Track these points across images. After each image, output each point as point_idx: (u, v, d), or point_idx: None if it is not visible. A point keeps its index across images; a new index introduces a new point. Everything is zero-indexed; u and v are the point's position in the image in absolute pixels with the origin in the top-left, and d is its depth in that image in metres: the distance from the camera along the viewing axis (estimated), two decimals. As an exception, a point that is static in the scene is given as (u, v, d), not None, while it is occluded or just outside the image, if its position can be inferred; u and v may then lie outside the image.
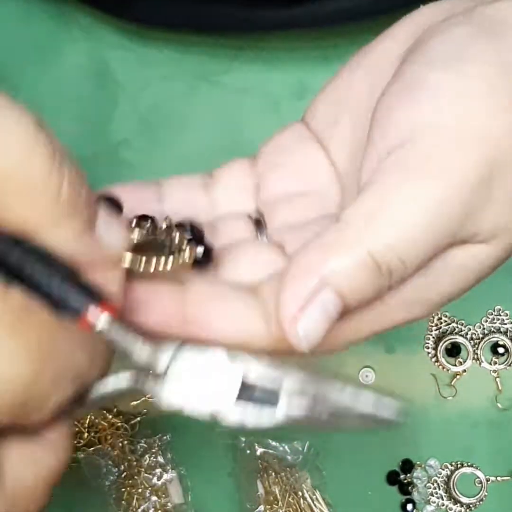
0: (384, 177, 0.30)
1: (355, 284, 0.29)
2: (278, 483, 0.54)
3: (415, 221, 0.29)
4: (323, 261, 0.29)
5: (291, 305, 0.29)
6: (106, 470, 0.55)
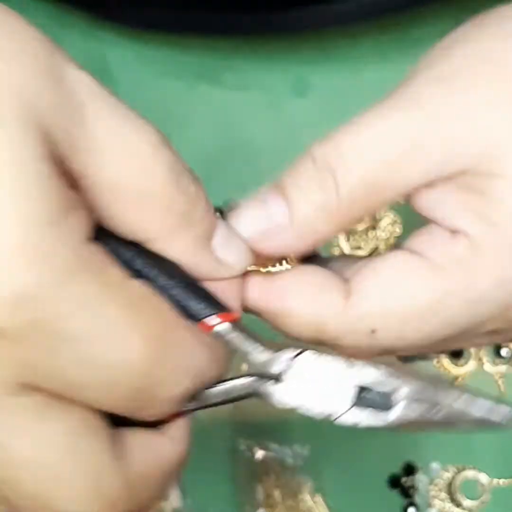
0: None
1: (297, 186, 0.31)
2: (278, 486, 0.54)
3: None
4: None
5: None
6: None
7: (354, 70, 0.55)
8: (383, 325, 0.29)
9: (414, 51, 0.55)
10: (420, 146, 0.29)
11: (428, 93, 0.30)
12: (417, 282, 0.29)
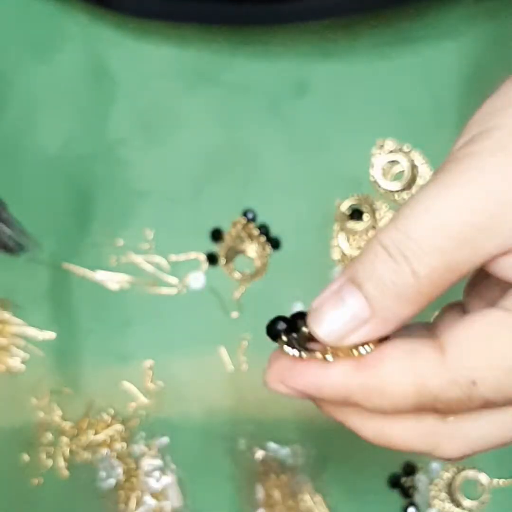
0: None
1: (372, 275, 0.30)
2: (278, 486, 0.54)
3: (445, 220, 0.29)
4: (350, 263, 0.31)
5: (315, 301, 0.31)
6: (104, 473, 0.54)
7: (353, 68, 0.55)
8: (483, 376, 0.30)
9: (413, 49, 0.55)
10: (497, 216, 0.29)
11: (493, 163, 0.29)
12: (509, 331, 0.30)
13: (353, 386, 0.30)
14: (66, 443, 0.55)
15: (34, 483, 0.54)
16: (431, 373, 0.30)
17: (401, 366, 0.30)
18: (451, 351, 0.30)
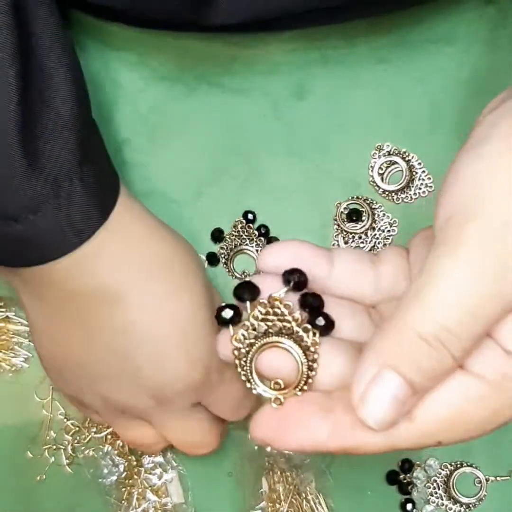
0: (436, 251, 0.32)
1: (412, 362, 0.32)
2: (282, 482, 0.54)
3: (462, 300, 0.31)
4: (381, 347, 0.32)
5: (356, 391, 0.32)
6: (106, 470, 0.55)
7: (352, 72, 0.56)
8: (446, 437, 0.33)
9: (410, 54, 0.56)
10: (498, 294, 0.32)
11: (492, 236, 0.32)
12: (474, 401, 0.33)
13: (332, 449, 0.33)
14: (68, 441, 0.55)
15: (37, 480, 0.55)
16: (401, 438, 0.33)
17: (374, 432, 0.33)
18: (419, 421, 0.33)
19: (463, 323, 0.31)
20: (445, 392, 0.33)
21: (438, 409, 0.33)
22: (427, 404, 0.33)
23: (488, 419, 0.33)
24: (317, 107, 0.56)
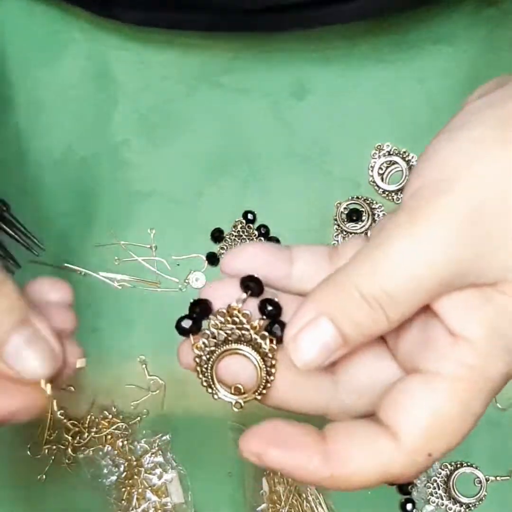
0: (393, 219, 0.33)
1: (349, 317, 0.32)
2: (283, 483, 0.54)
3: (410, 268, 0.32)
4: (321, 296, 0.33)
5: (290, 331, 0.33)
6: (106, 470, 0.55)
7: (352, 72, 0.56)
8: (435, 446, 0.33)
9: (410, 53, 0.56)
10: (461, 269, 0.32)
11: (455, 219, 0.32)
12: (444, 400, 0.33)
13: (323, 475, 0.33)
14: (68, 441, 0.55)
15: (37, 480, 0.55)
16: (391, 461, 0.33)
17: (363, 458, 0.33)
18: (404, 437, 0.33)
19: (405, 291, 0.32)
20: (415, 404, 0.33)
21: (415, 422, 0.33)
22: (404, 420, 0.33)
23: (463, 412, 0.33)
24: (317, 107, 0.56)
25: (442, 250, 0.31)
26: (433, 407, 0.33)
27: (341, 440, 0.33)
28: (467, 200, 0.31)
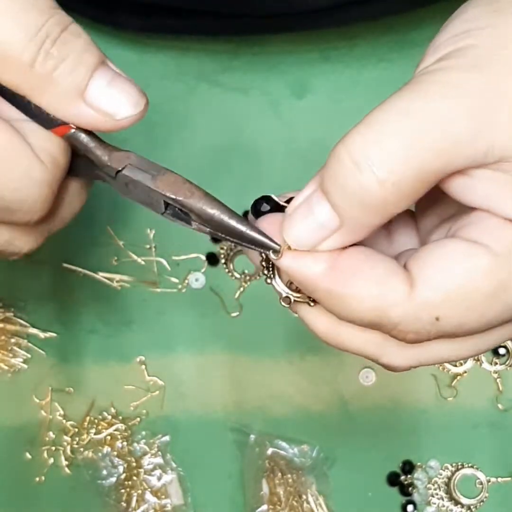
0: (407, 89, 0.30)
1: (339, 185, 0.29)
2: (283, 485, 0.54)
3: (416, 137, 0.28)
4: (321, 171, 0.31)
5: (288, 209, 0.31)
6: (105, 471, 0.55)
7: (353, 71, 0.55)
8: (447, 313, 0.30)
9: (411, 53, 0.56)
10: (472, 131, 0.28)
11: (470, 79, 0.29)
12: (479, 271, 0.30)
13: (319, 283, 0.30)
14: (67, 442, 0.55)
15: (36, 482, 0.55)
16: (395, 303, 0.30)
17: (370, 286, 0.30)
18: (419, 288, 0.30)
19: (404, 146, 0.28)
20: (450, 261, 0.30)
21: (441, 278, 0.30)
22: (430, 272, 0.30)
23: (494, 293, 0.30)
24: (317, 106, 0.56)
25: (447, 109, 0.28)
26: (464, 271, 0.30)
27: (353, 261, 0.31)
28: (470, 64, 0.29)
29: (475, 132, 0.28)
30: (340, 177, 0.29)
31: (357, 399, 0.55)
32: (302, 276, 0.31)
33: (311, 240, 0.31)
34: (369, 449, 0.55)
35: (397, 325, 0.30)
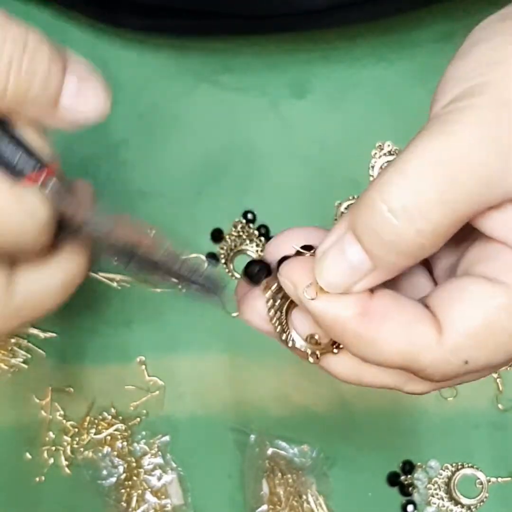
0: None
1: (374, 232, 0.29)
2: (283, 485, 0.54)
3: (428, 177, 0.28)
4: (350, 213, 0.30)
5: (318, 252, 0.31)
6: (105, 471, 0.55)
7: (353, 72, 0.56)
8: (475, 355, 0.30)
9: (411, 53, 0.56)
10: (501, 169, 0.29)
11: (494, 116, 0.29)
12: (502, 310, 0.30)
13: (349, 328, 0.31)
14: (67, 442, 0.55)
15: (36, 482, 0.55)
16: (426, 348, 0.30)
17: (400, 331, 0.30)
18: (447, 333, 0.30)
19: (439, 193, 0.28)
20: (470, 303, 0.30)
21: (464, 321, 0.30)
22: (456, 316, 0.30)
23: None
24: (317, 106, 0.56)
25: (478, 151, 0.28)
26: (488, 312, 0.30)
27: (384, 306, 0.31)
28: (501, 100, 0.29)
29: (504, 169, 0.29)
30: (375, 225, 0.29)
31: (358, 399, 0.55)
32: (332, 319, 0.31)
33: (344, 283, 0.31)
34: (369, 449, 0.55)
35: (426, 369, 0.31)
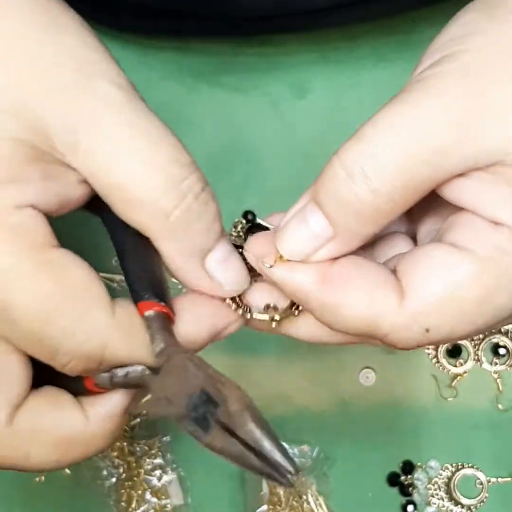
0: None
1: (332, 194, 0.30)
2: (283, 485, 0.54)
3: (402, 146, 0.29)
4: (314, 182, 0.32)
5: (282, 222, 0.33)
6: (105, 471, 0.55)
7: (353, 72, 0.55)
8: (437, 323, 0.30)
9: (411, 53, 0.56)
10: (458, 138, 0.29)
11: (456, 85, 0.30)
12: (465, 278, 0.30)
13: (312, 295, 0.31)
14: (67, 442, 0.55)
15: (36, 482, 0.55)
16: (386, 312, 0.30)
17: (362, 296, 0.31)
18: (409, 299, 0.30)
19: (393, 160, 0.29)
20: (435, 270, 0.30)
21: (428, 288, 0.30)
22: (418, 282, 0.30)
23: (483, 299, 0.30)
24: (317, 106, 0.56)
25: (427, 121, 0.29)
26: (452, 280, 0.30)
27: (344, 271, 0.31)
28: (467, 70, 0.30)
29: (460, 139, 0.29)
30: (334, 188, 0.30)
31: (357, 399, 0.55)
32: (294, 287, 0.32)
33: (304, 250, 0.31)
34: (369, 449, 0.55)
35: (388, 335, 0.31)
